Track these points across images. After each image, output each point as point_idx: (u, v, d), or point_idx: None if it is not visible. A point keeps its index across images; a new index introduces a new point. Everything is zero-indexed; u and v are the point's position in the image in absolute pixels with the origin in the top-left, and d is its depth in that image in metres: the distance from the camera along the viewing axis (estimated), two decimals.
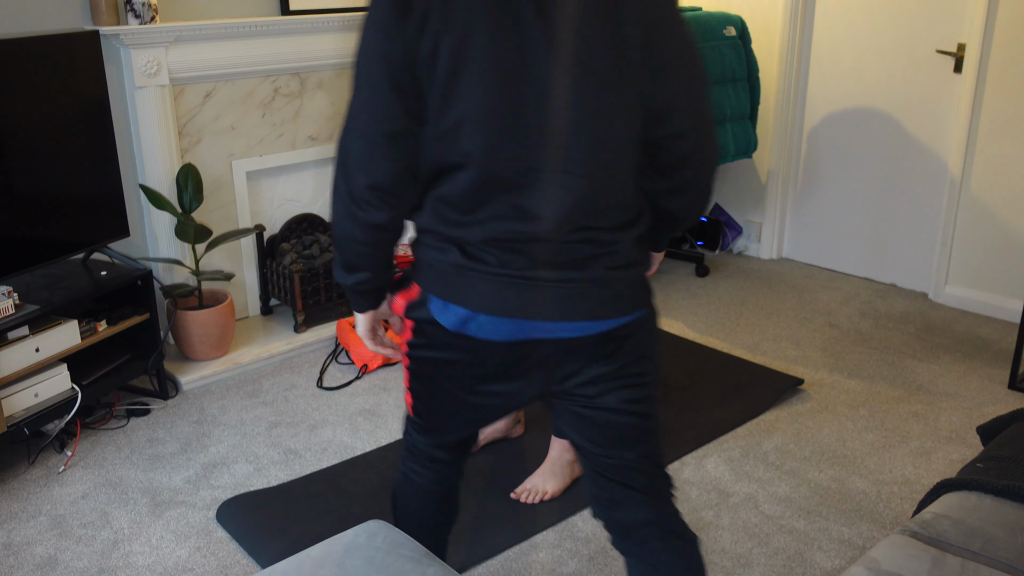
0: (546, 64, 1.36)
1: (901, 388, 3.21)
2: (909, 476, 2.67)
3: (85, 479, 2.69)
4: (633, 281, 1.52)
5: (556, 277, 1.44)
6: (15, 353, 2.63)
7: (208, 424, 3.00)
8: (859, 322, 3.78)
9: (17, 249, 2.76)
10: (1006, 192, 3.70)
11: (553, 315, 1.46)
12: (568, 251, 1.44)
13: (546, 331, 1.48)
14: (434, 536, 1.83)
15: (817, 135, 4.31)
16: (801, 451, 2.80)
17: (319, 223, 3.79)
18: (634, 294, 1.53)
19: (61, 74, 2.81)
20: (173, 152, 3.26)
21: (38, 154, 2.78)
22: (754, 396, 3.11)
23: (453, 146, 1.40)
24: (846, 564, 2.29)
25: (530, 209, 1.41)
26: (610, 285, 1.48)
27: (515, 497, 2.53)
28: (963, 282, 3.91)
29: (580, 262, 1.45)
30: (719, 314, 3.88)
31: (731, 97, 3.99)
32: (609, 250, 1.46)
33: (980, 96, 3.68)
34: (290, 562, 1.60)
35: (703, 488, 2.61)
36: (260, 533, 2.40)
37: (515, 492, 2.54)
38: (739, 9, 4.35)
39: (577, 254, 1.44)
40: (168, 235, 3.32)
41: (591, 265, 1.45)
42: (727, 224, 4.68)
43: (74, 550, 2.37)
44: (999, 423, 2.13)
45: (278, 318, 3.70)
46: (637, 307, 1.55)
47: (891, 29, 3.92)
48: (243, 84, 3.42)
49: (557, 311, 1.46)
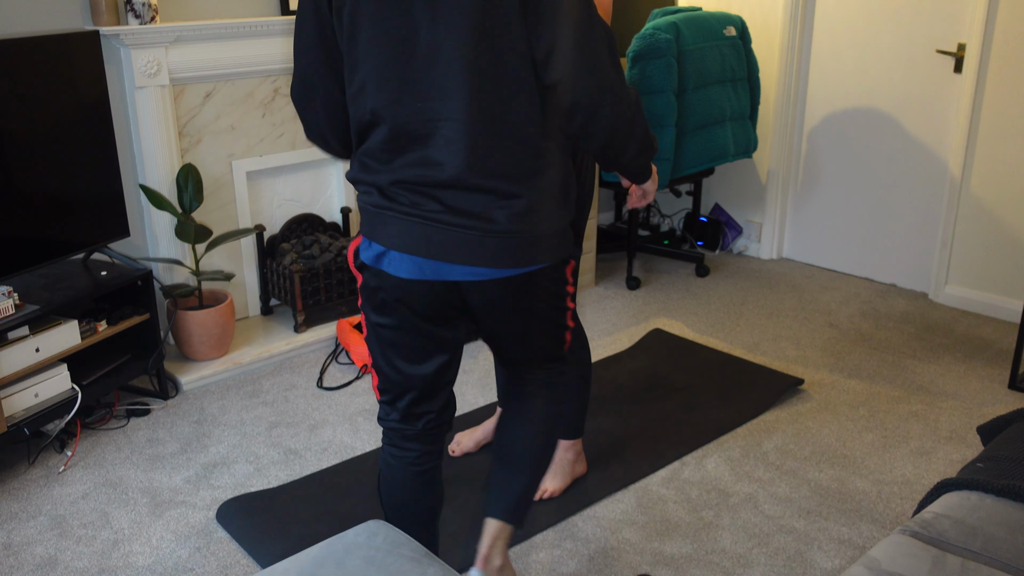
0: (431, 24, 1.50)
1: (901, 388, 3.21)
2: (909, 476, 2.67)
3: (85, 479, 2.69)
4: (540, 232, 1.61)
5: (460, 223, 1.57)
6: (15, 353, 2.63)
7: (208, 424, 3.00)
8: (859, 322, 3.78)
9: (17, 249, 2.76)
10: (1006, 192, 3.70)
11: (456, 258, 1.59)
12: (471, 199, 1.56)
13: (451, 273, 1.61)
14: (421, 520, 1.89)
15: (817, 135, 4.31)
16: (801, 451, 2.80)
17: (319, 223, 3.79)
18: (539, 245, 1.63)
19: (61, 74, 2.81)
20: (173, 152, 3.26)
21: (38, 154, 2.78)
22: (754, 396, 3.11)
23: (362, 105, 1.58)
24: (846, 564, 2.29)
25: (434, 158, 1.56)
26: (513, 235, 1.59)
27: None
28: (963, 282, 3.91)
29: (483, 210, 1.57)
30: (719, 314, 3.88)
31: (731, 97, 3.99)
32: (512, 200, 1.57)
33: (980, 96, 3.68)
34: (290, 562, 1.60)
35: (703, 488, 2.61)
36: (260, 533, 2.40)
37: None
38: (739, 9, 4.35)
39: (479, 202, 1.57)
40: (168, 235, 3.32)
41: (494, 214, 1.57)
42: (727, 224, 4.68)
43: (74, 550, 2.37)
44: (999, 423, 2.13)
45: (278, 318, 3.70)
46: (541, 259, 1.65)
47: (891, 29, 3.92)
48: (243, 84, 3.42)
49: (459, 255, 1.59)
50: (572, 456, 2.57)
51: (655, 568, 2.27)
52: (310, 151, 3.70)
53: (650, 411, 3.03)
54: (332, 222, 3.85)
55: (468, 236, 1.58)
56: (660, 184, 3.78)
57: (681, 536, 2.40)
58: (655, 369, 3.33)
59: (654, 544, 2.37)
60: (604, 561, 2.30)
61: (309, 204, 3.81)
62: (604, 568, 2.28)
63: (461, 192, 1.56)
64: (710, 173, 4.36)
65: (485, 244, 1.58)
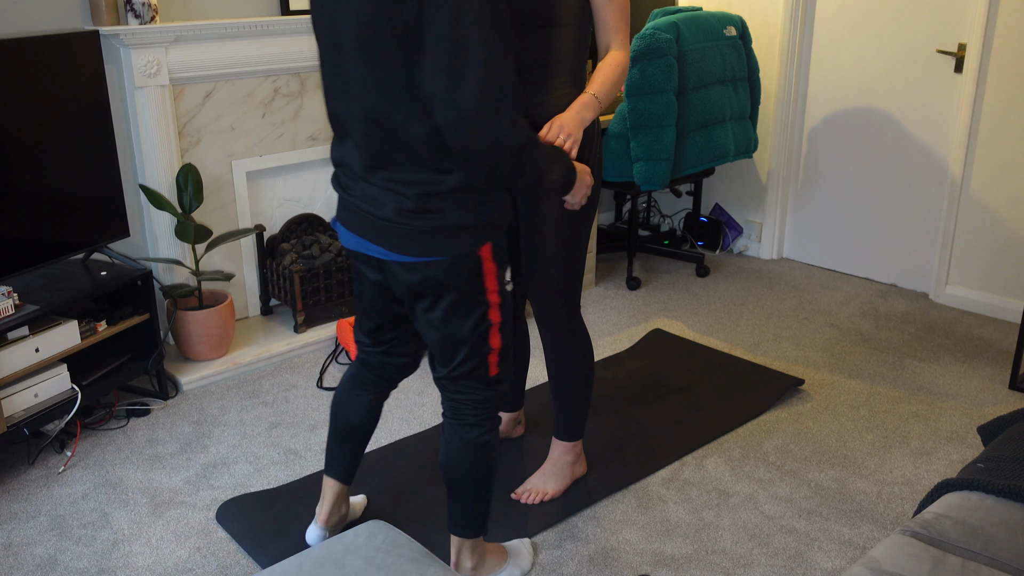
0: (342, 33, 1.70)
1: (902, 388, 3.21)
2: (910, 476, 2.66)
3: (85, 479, 2.69)
4: (424, 228, 1.78)
5: (367, 209, 1.83)
6: (15, 353, 2.63)
7: (208, 424, 3.00)
8: (859, 322, 3.78)
9: (17, 249, 2.76)
10: (1006, 192, 3.70)
11: (368, 237, 1.85)
12: (372, 189, 1.81)
13: (368, 248, 1.87)
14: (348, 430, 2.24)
15: (817, 135, 4.31)
16: (801, 451, 2.80)
17: (319, 223, 3.79)
18: (423, 239, 1.79)
19: (61, 74, 2.81)
20: (173, 152, 3.26)
21: (38, 154, 2.78)
22: (754, 396, 3.10)
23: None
24: (847, 564, 2.28)
25: (352, 152, 1.83)
26: (399, 226, 1.79)
27: (515, 498, 2.53)
28: (963, 282, 3.90)
29: (378, 201, 1.80)
30: (719, 314, 3.88)
31: (732, 97, 3.99)
32: (400, 198, 1.78)
33: (980, 96, 3.68)
34: (290, 562, 1.59)
35: (703, 488, 2.61)
36: (260, 533, 2.40)
37: (515, 493, 2.54)
38: (739, 9, 4.35)
39: (377, 194, 1.81)
40: (168, 235, 3.32)
41: (385, 206, 1.80)
42: (727, 224, 4.68)
43: (74, 550, 2.37)
44: (1000, 423, 2.13)
45: (278, 318, 3.70)
46: (428, 252, 1.81)
47: (891, 29, 3.92)
48: (243, 84, 3.42)
49: (369, 235, 1.84)
50: (572, 457, 2.57)
51: (655, 568, 2.27)
52: (310, 151, 3.70)
53: (650, 411, 3.03)
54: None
55: (373, 221, 1.82)
56: (660, 184, 3.78)
57: (681, 536, 2.40)
58: (655, 369, 3.33)
59: (654, 544, 2.37)
60: (604, 561, 2.30)
61: (309, 204, 3.81)
62: (604, 568, 2.28)
63: (366, 185, 1.83)
64: (710, 173, 4.36)
65: (382, 229, 1.81)
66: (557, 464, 2.56)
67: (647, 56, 3.64)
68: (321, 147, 3.73)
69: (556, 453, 2.56)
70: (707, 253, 4.64)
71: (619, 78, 2.17)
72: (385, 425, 2.97)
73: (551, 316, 2.37)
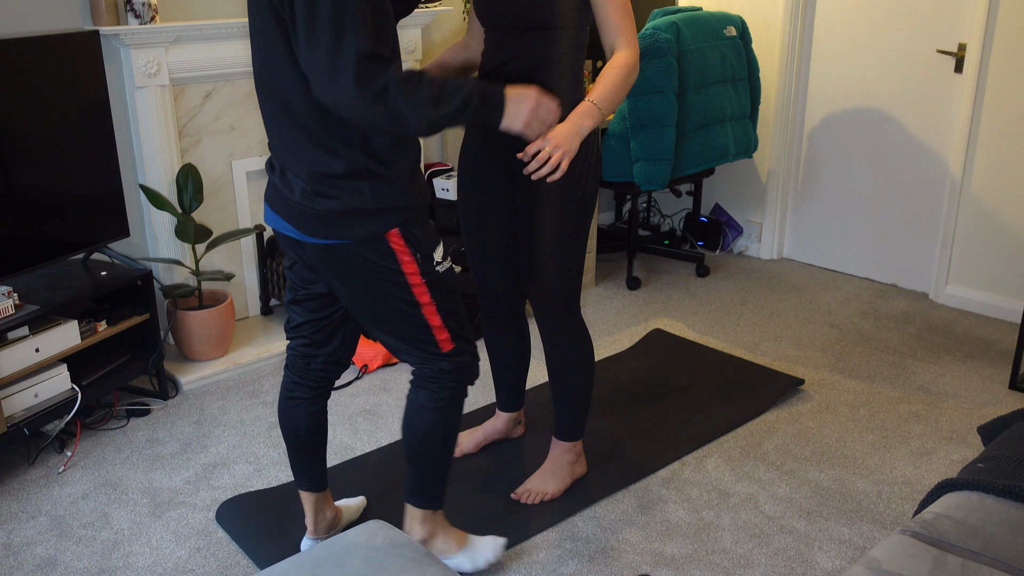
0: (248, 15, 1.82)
1: (902, 388, 3.21)
2: (910, 476, 2.66)
3: (85, 479, 2.69)
4: (325, 211, 1.84)
5: (280, 187, 1.91)
6: (15, 353, 2.63)
7: (208, 424, 3.00)
8: (860, 322, 3.78)
9: (17, 249, 2.76)
10: (1006, 192, 3.70)
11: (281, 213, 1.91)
12: (281, 172, 1.90)
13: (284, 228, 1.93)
14: (296, 441, 2.20)
15: (817, 135, 4.31)
16: (802, 451, 2.80)
17: None
18: (327, 223, 1.85)
19: (61, 74, 2.81)
20: (173, 152, 3.26)
21: (38, 154, 2.78)
22: (754, 396, 3.10)
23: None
24: (847, 564, 2.28)
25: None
26: (305, 208, 1.86)
27: (515, 498, 2.53)
28: (964, 282, 3.90)
29: (286, 183, 1.89)
30: (719, 314, 3.88)
31: (732, 97, 3.99)
32: (297, 181, 1.86)
33: (980, 96, 3.68)
34: (290, 562, 1.59)
35: (703, 488, 2.61)
36: (260, 534, 2.40)
37: (515, 493, 2.54)
38: (739, 9, 4.35)
39: (284, 177, 1.90)
40: (168, 235, 3.32)
41: (291, 187, 1.88)
42: (727, 224, 4.68)
43: (74, 551, 2.37)
44: (1000, 423, 2.13)
45: (278, 318, 3.70)
46: (332, 235, 1.86)
47: (891, 29, 3.92)
48: (243, 84, 3.42)
49: (283, 214, 1.91)
50: (572, 457, 2.57)
51: (655, 568, 2.27)
52: None
53: (650, 411, 3.03)
54: None
55: (288, 202, 1.89)
56: (660, 184, 3.78)
57: (681, 536, 2.40)
58: (655, 369, 3.33)
59: (654, 544, 2.37)
60: (604, 561, 2.30)
61: None
62: (604, 568, 2.28)
63: (278, 166, 1.91)
64: (710, 173, 4.36)
65: (294, 210, 1.88)
66: (557, 464, 2.56)
67: (647, 56, 3.64)
68: None
69: (556, 453, 2.56)
70: (707, 253, 4.64)
71: (624, 80, 2.11)
72: (385, 425, 2.97)
73: (550, 315, 2.37)
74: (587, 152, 2.23)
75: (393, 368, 3.38)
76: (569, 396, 2.47)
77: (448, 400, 2.06)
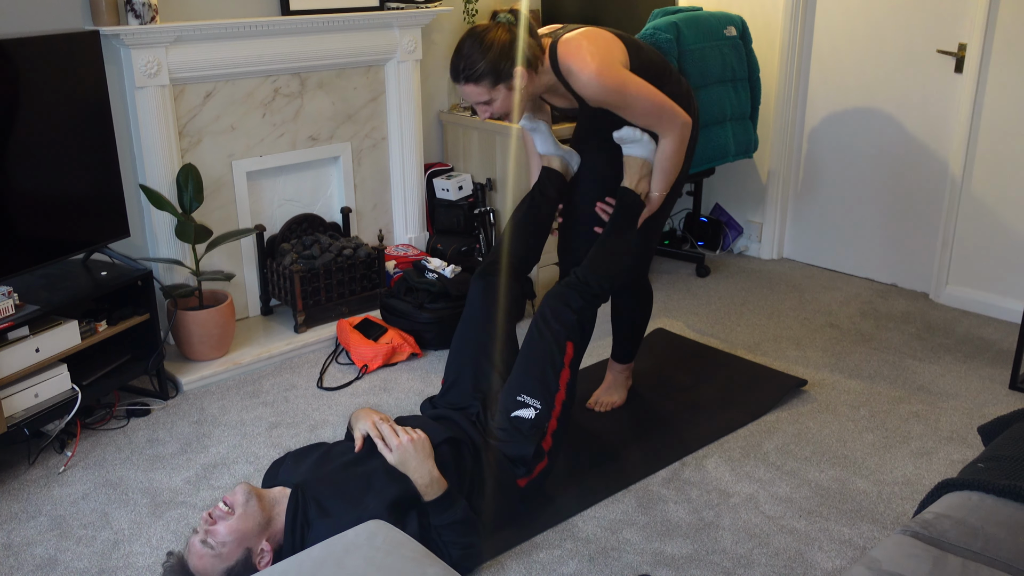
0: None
1: (902, 388, 3.21)
2: (910, 476, 2.66)
3: (85, 479, 2.69)
4: None
5: None
6: (15, 353, 2.63)
7: (208, 424, 3.00)
8: (860, 322, 3.78)
9: (17, 249, 2.76)
10: (1006, 192, 3.70)
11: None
12: None
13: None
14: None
15: (817, 135, 4.31)
16: (802, 451, 2.80)
17: (319, 223, 3.79)
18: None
19: (61, 74, 2.81)
20: (173, 152, 3.26)
21: (38, 154, 2.78)
22: (755, 396, 3.10)
23: None
24: (847, 564, 2.28)
25: None
26: None
27: (589, 407, 3.03)
28: (964, 282, 3.90)
29: None
30: (720, 314, 3.88)
31: (732, 97, 3.98)
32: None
33: (981, 96, 3.68)
34: (290, 562, 1.60)
35: (704, 488, 2.61)
36: None
37: (588, 403, 3.05)
38: (739, 9, 4.35)
39: None
40: (168, 235, 3.32)
41: None
42: (727, 224, 4.67)
43: (74, 551, 2.37)
44: (1000, 423, 2.13)
45: (278, 318, 3.70)
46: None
47: (892, 29, 3.92)
48: (243, 84, 3.42)
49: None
50: (628, 374, 3.11)
51: (655, 568, 2.27)
52: (310, 151, 3.70)
53: (651, 411, 3.03)
54: (332, 222, 3.85)
55: None
56: None
57: (682, 536, 2.40)
58: (656, 369, 3.33)
59: (654, 544, 2.37)
60: (604, 561, 2.30)
61: (309, 204, 3.81)
62: (604, 568, 2.28)
63: None
64: (710, 173, 4.36)
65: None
66: (617, 379, 3.10)
67: None
68: (321, 147, 3.73)
69: (615, 371, 3.10)
70: (707, 253, 4.64)
71: (673, 163, 2.59)
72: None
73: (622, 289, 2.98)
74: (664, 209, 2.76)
75: (393, 368, 3.38)
76: (630, 329, 3.04)
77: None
